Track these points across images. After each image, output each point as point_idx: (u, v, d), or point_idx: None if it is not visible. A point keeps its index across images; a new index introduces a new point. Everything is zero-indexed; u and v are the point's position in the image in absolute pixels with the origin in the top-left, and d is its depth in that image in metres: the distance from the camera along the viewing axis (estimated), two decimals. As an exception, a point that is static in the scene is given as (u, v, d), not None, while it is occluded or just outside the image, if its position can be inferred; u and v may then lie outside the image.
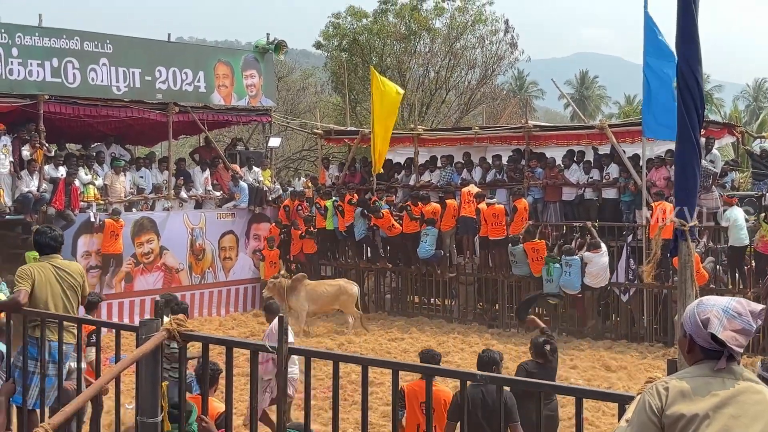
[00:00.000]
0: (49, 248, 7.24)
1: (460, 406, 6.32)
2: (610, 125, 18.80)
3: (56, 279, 7.01)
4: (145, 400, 5.27)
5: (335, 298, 17.60)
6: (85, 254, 17.62)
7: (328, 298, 17.59)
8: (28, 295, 6.76)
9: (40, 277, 6.92)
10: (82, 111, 18.14)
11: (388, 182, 20.97)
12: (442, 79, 35.13)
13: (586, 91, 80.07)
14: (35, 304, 6.78)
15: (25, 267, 7.03)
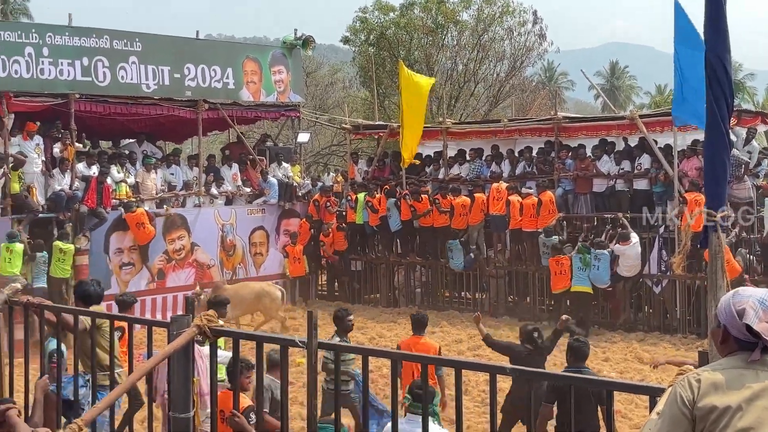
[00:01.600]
0: (97, 299, 7.67)
1: (556, 389, 7.32)
2: (641, 115, 18.63)
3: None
4: (177, 396, 5.31)
5: (257, 301, 16.79)
6: (117, 251, 17.80)
7: (250, 302, 16.68)
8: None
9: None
10: (112, 109, 18.29)
11: (418, 176, 20.94)
12: (470, 72, 34.99)
13: (617, 81, 79.31)
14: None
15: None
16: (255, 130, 27.93)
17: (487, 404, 7.80)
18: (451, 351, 15.16)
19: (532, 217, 17.80)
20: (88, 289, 7.75)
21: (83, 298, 7.78)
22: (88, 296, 7.72)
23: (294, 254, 20.14)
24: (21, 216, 16.42)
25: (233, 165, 20.80)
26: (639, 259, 16.51)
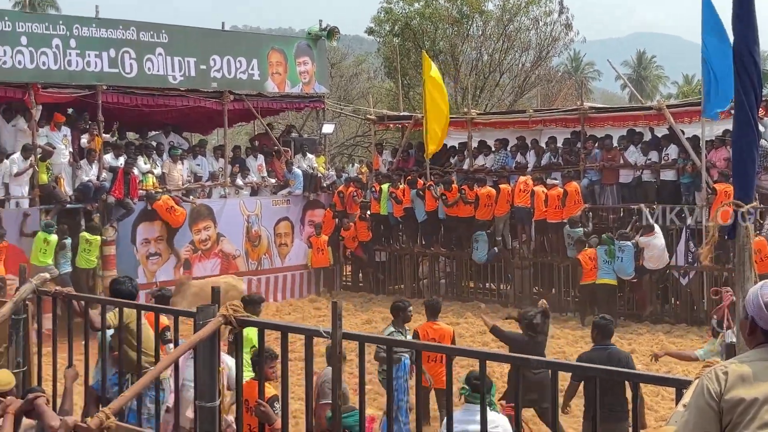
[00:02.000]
0: (129, 297, 7.59)
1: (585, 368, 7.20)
2: (668, 106, 18.47)
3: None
4: (203, 385, 5.35)
5: (224, 295, 16.96)
6: (144, 242, 17.94)
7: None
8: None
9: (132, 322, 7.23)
10: (139, 100, 18.40)
11: (442, 167, 20.90)
12: (495, 62, 34.81)
13: (644, 71, 78.66)
14: None
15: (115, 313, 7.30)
16: (280, 121, 27.99)
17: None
18: (476, 342, 15.16)
19: (557, 208, 17.73)
20: (121, 288, 7.70)
21: (117, 296, 7.67)
22: (121, 294, 7.64)
23: (318, 245, 20.21)
24: (49, 206, 16.57)
25: (259, 156, 20.88)
26: (664, 250, 16.39)
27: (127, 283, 7.78)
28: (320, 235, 20.29)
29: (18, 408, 4.82)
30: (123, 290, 7.63)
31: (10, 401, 4.95)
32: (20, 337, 6.56)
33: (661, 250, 16.33)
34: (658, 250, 16.29)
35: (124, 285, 7.73)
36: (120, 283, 7.81)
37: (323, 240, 20.24)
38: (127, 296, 7.58)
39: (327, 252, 20.26)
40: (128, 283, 7.78)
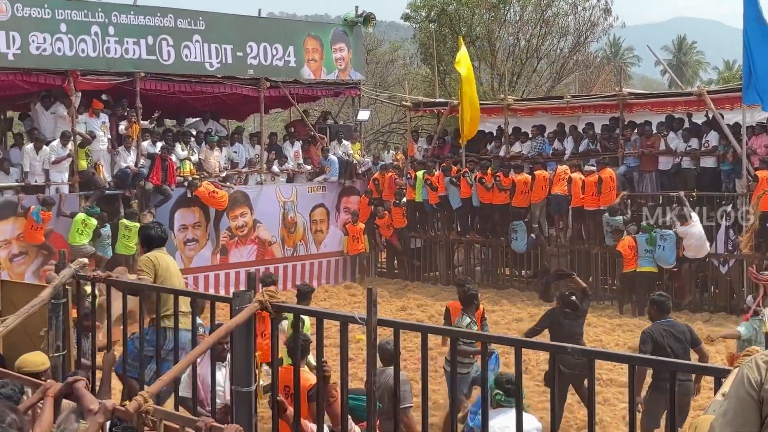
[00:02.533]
0: (160, 241, 7.70)
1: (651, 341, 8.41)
2: (709, 92, 18.18)
3: (172, 268, 7.55)
4: (239, 370, 5.39)
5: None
6: (182, 228, 18.10)
7: None
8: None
9: (163, 268, 7.40)
10: (176, 87, 18.52)
11: (478, 154, 20.80)
12: (533, 48, 34.52)
13: (684, 56, 77.65)
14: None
15: (149, 257, 7.48)
16: (315, 108, 28.04)
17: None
18: (511, 330, 15.09)
19: (594, 196, 17.55)
20: (150, 233, 7.75)
21: (146, 241, 7.79)
22: (150, 239, 7.73)
23: (354, 233, 20.22)
24: (88, 193, 16.77)
25: (295, 143, 20.93)
26: (703, 238, 16.18)
27: (156, 228, 7.82)
28: (357, 222, 20.28)
29: (58, 391, 4.88)
30: (153, 235, 7.70)
31: (50, 384, 5.02)
32: (60, 321, 6.64)
33: (699, 239, 16.12)
34: (696, 239, 16.09)
35: (153, 230, 7.78)
36: (149, 228, 7.87)
37: (360, 228, 20.23)
38: (157, 241, 7.66)
39: (363, 240, 20.26)
40: (158, 228, 7.82)
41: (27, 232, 15.75)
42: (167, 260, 7.60)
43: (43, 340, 6.64)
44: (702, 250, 16.23)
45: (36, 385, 5.32)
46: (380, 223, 20.54)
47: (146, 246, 7.76)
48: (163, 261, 7.51)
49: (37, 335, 6.69)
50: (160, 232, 7.77)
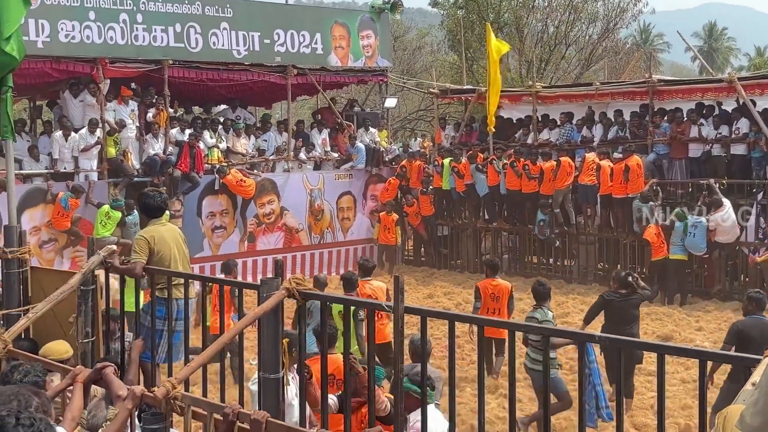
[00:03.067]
0: (160, 211, 7.47)
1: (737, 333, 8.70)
2: (739, 78, 17.95)
3: (171, 239, 7.26)
4: (267, 356, 5.40)
5: None
6: (210, 215, 18.18)
7: None
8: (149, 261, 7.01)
9: (160, 243, 7.17)
10: (204, 75, 18.56)
11: (506, 141, 20.69)
12: (561, 34, 34.29)
13: (715, 43, 76.75)
14: (160, 265, 7.02)
15: (143, 236, 7.22)
16: (343, 95, 28.04)
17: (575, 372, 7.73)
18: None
19: (621, 183, 17.39)
20: (148, 202, 7.43)
21: (144, 210, 7.49)
22: (149, 209, 7.44)
23: (386, 223, 20.06)
24: (117, 180, 16.89)
25: (323, 130, 20.94)
26: (735, 225, 16.01)
27: (156, 197, 7.49)
28: (391, 213, 20.07)
29: (87, 377, 4.92)
30: (152, 205, 7.41)
31: (79, 370, 5.05)
32: (89, 307, 6.69)
33: (731, 225, 15.95)
34: (728, 224, 15.91)
35: (153, 199, 7.44)
36: (149, 197, 7.49)
37: (393, 218, 20.01)
38: (156, 211, 7.40)
39: (394, 231, 20.04)
40: (157, 197, 7.49)
41: (55, 218, 15.89)
42: (163, 231, 7.29)
43: (72, 327, 6.69)
44: (733, 234, 16.04)
45: (65, 371, 5.36)
46: (409, 211, 20.51)
47: (145, 215, 7.51)
48: (158, 234, 7.22)
49: (67, 322, 6.75)
50: (160, 201, 7.47)
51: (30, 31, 15.54)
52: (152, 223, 7.42)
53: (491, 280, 11.58)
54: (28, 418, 2.71)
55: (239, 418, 4.46)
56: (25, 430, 2.68)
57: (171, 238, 7.28)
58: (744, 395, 3.24)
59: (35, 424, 2.70)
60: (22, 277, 7.27)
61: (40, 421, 2.73)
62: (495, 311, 11.21)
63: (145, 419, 4.71)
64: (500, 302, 11.31)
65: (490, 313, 11.11)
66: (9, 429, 2.66)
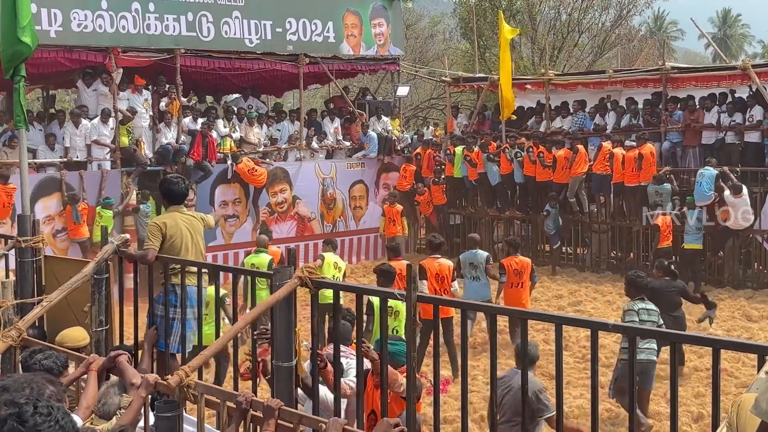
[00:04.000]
0: (180, 198, 7.39)
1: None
2: (754, 65, 17.84)
3: (186, 227, 7.23)
4: (280, 345, 5.42)
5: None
6: (223, 204, 18.22)
7: None
8: (161, 248, 7.00)
9: (172, 229, 7.12)
10: (216, 64, 18.56)
11: (519, 129, 20.63)
12: (574, 22, 34.11)
13: (729, 30, 76.18)
14: (172, 253, 7.02)
15: (155, 223, 7.19)
16: (355, 84, 28.00)
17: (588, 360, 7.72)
18: (552, 306, 15.05)
19: (634, 171, 17.31)
20: (172, 188, 7.33)
21: (167, 195, 7.40)
22: (172, 195, 7.35)
23: (391, 215, 19.58)
24: (130, 169, 16.94)
25: (335, 119, 20.93)
26: (749, 212, 15.92)
27: (180, 183, 7.41)
28: (394, 204, 19.55)
29: (101, 365, 4.95)
30: (176, 191, 7.34)
31: (93, 358, 5.09)
32: (102, 296, 6.72)
33: (745, 212, 15.87)
34: (741, 211, 15.84)
35: (177, 186, 7.36)
36: (172, 183, 7.40)
37: (397, 210, 19.57)
38: (178, 198, 7.35)
39: (400, 223, 19.52)
40: (181, 184, 7.41)
41: (71, 230, 15.87)
42: (177, 218, 7.22)
43: (86, 316, 6.73)
44: (745, 221, 15.97)
45: (79, 359, 5.40)
46: (420, 200, 20.47)
47: (167, 200, 7.45)
48: (172, 221, 7.16)
49: (81, 310, 6.79)
50: (183, 188, 7.39)
51: (42, 21, 15.57)
52: (170, 209, 7.36)
53: (513, 257, 12.52)
54: (46, 406, 2.72)
55: (252, 406, 4.48)
56: (42, 419, 2.69)
57: (186, 226, 7.23)
58: (757, 383, 3.24)
59: (53, 413, 2.71)
60: (35, 266, 7.31)
61: (57, 410, 2.74)
62: (519, 285, 12.28)
63: (158, 407, 4.74)
64: (522, 276, 12.30)
65: (514, 287, 12.25)
66: (26, 417, 2.66)
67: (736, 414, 3.25)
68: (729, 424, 3.27)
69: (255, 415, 4.49)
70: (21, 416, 2.65)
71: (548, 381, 10.69)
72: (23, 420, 2.65)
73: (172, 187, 7.34)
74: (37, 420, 2.67)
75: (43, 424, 2.67)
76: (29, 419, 2.66)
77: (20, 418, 2.65)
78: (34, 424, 2.66)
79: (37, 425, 2.66)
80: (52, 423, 2.69)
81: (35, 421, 2.66)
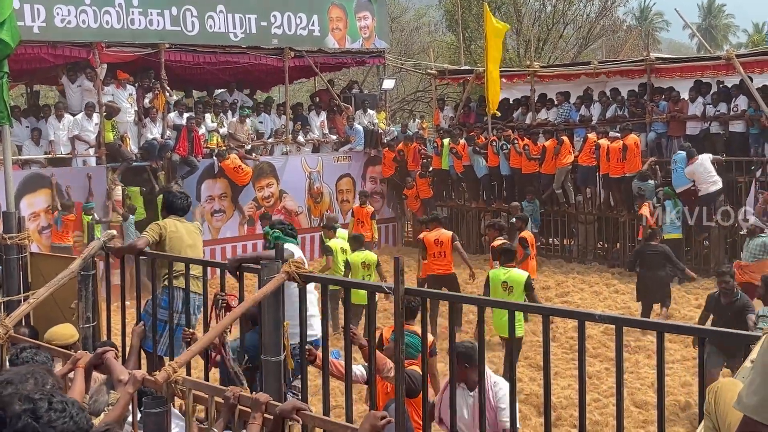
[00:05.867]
0: (182, 211, 7.47)
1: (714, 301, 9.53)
2: (738, 55, 17.91)
3: (186, 234, 7.27)
4: (268, 340, 5.42)
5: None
6: (209, 199, 18.18)
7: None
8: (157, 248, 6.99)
9: (173, 233, 7.17)
10: (201, 58, 18.52)
11: (504, 121, 20.64)
12: (559, 13, 34.13)
13: (714, 20, 76.41)
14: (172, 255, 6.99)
15: (158, 223, 7.26)
16: (341, 78, 27.96)
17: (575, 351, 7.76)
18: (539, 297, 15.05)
19: (619, 162, 17.36)
20: (174, 201, 7.43)
21: (168, 207, 7.47)
22: (172, 207, 7.43)
23: (360, 216, 17.82)
24: (115, 164, 16.86)
25: (321, 112, 20.89)
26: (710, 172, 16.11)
27: (183, 199, 7.51)
28: (365, 205, 18.01)
29: (88, 362, 4.93)
30: (177, 205, 7.41)
31: (80, 355, 5.06)
32: (89, 292, 6.70)
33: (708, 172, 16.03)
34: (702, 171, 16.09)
35: (180, 201, 7.46)
36: (176, 197, 7.52)
37: (367, 212, 17.79)
38: (179, 211, 7.41)
39: (369, 225, 17.58)
40: (184, 200, 7.51)
41: (53, 233, 15.78)
42: (180, 227, 7.30)
43: (73, 312, 6.70)
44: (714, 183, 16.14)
45: (66, 356, 5.38)
46: (408, 194, 20.45)
47: (167, 211, 7.50)
48: (173, 226, 7.23)
49: (68, 307, 6.76)
50: (185, 204, 7.51)
51: (26, 16, 15.47)
52: (171, 217, 7.42)
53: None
54: (61, 401, 2.69)
55: (240, 401, 4.48)
56: (57, 415, 2.66)
57: (187, 234, 7.29)
58: (743, 372, 3.25)
59: (67, 409, 2.68)
60: (21, 263, 7.28)
61: (72, 405, 2.71)
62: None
63: (145, 403, 4.73)
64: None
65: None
66: (41, 413, 2.64)
67: (714, 401, 3.26)
68: (708, 413, 3.29)
69: (243, 409, 4.48)
70: (36, 412, 2.63)
71: (536, 372, 10.75)
72: (38, 416, 2.63)
73: (175, 200, 7.47)
74: (51, 416, 2.65)
75: (57, 420, 2.65)
76: (44, 415, 2.64)
77: (35, 414, 2.63)
78: (49, 420, 2.64)
79: (52, 421, 2.64)
80: (66, 419, 2.67)
81: (50, 417, 2.64)
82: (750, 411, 2.67)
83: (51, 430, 2.63)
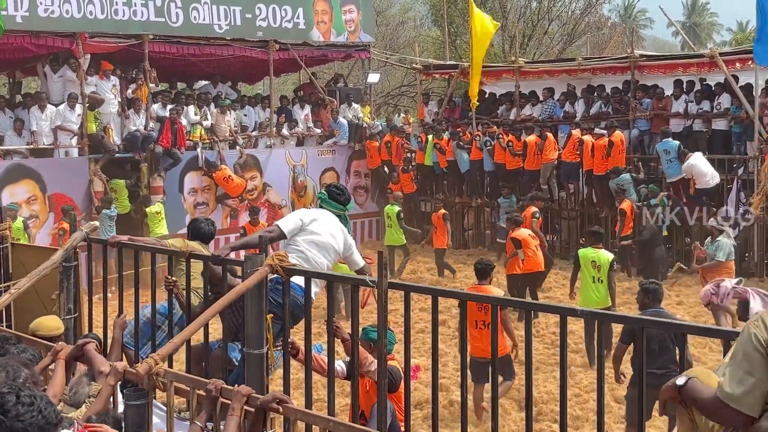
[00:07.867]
0: (206, 239, 7.39)
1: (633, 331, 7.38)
2: (721, 53, 18.01)
3: None
4: (251, 332, 5.41)
5: None
6: (192, 191, 18.11)
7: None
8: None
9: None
10: (185, 50, 18.40)
11: (489, 117, 20.67)
12: (544, 10, 34.18)
13: (698, 18, 76.76)
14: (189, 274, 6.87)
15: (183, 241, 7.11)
16: (326, 71, 27.90)
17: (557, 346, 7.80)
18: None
19: (603, 159, 17.42)
20: (201, 227, 7.44)
21: (195, 235, 7.45)
22: (200, 233, 7.40)
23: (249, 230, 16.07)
24: (97, 156, 16.75)
25: (305, 106, 20.84)
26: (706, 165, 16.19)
27: (207, 223, 7.53)
28: (257, 224, 16.08)
29: (68, 354, 4.91)
30: (205, 231, 7.41)
31: (61, 347, 5.04)
32: (71, 284, 6.67)
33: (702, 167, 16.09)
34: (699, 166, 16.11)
35: (204, 224, 7.48)
36: (199, 222, 7.57)
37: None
38: (206, 236, 7.40)
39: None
40: (208, 224, 7.54)
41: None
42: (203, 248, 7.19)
43: (54, 303, 6.67)
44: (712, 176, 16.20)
45: (48, 348, 5.36)
46: (394, 188, 20.41)
47: (191, 237, 7.42)
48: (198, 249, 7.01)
49: (49, 298, 6.73)
50: (210, 231, 7.49)
51: (9, 6, 15.31)
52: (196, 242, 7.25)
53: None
54: (29, 395, 2.68)
55: (222, 394, 4.47)
56: (25, 409, 2.65)
57: None
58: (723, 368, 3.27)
59: (35, 402, 2.68)
60: (2, 254, 7.24)
61: (40, 399, 2.71)
62: None
63: (127, 395, 4.71)
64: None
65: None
66: (9, 407, 2.63)
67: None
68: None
69: (225, 403, 4.47)
70: (3, 406, 2.62)
71: (518, 367, 10.78)
72: (5, 410, 2.62)
73: (201, 226, 7.43)
74: (19, 410, 2.64)
75: (25, 414, 2.64)
76: (11, 409, 2.63)
77: (2, 407, 2.62)
78: (17, 414, 2.63)
79: (20, 415, 2.63)
80: (34, 413, 2.66)
81: (18, 411, 2.63)
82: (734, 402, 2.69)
83: (19, 423, 2.62)
